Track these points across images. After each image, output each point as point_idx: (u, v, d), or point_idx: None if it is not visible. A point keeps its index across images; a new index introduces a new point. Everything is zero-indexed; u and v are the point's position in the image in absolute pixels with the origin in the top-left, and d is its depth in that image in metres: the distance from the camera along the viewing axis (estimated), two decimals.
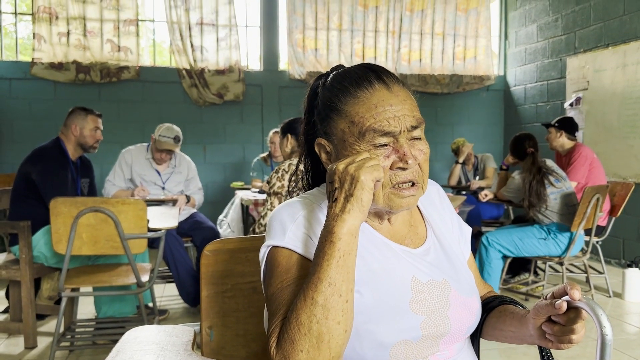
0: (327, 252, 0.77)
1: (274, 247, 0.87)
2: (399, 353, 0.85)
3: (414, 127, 0.88)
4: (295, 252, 0.86)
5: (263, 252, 0.89)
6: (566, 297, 0.81)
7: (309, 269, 0.81)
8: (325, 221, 0.81)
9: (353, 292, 0.78)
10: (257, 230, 2.64)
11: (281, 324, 0.78)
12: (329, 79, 0.95)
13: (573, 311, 0.82)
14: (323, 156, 0.96)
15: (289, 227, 0.87)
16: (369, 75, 0.90)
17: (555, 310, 0.81)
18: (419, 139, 0.90)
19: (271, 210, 2.57)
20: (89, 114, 3.15)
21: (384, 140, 0.87)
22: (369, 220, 0.95)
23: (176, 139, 3.74)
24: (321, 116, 0.94)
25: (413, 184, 0.89)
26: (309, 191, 1.01)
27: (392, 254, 0.93)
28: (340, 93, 0.90)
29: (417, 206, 1.04)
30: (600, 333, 0.80)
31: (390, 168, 0.88)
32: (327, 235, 0.79)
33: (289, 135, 2.86)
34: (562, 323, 0.84)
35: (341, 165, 0.82)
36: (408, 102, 0.89)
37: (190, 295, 3.44)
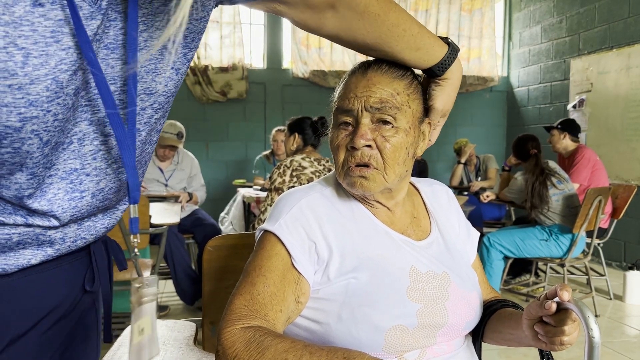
0: None
1: (266, 230, 0.90)
2: (394, 338, 0.84)
3: (376, 109, 0.87)
4: (281, 241, 0.87)
5: (257, 233, 0.93)
6: (557, 298, 0.80)
7: (287, 263, 0.85)
8: None
9: None
10: (257, 226, 2.64)
11: (255, 329, 0.77)
12: None
13: (563, 312, 0.81)
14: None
15: (283, 215, 0.90)
16: (362, 64, 0.92)
17: (546, 310, 0.81)
18: (389, 124, 0.88)
19: (271, 205, 2.58)
20: None
21: (345, 118, 0.89)
22: (365, 204, 0.95)
23: (179, 135, 3.75)
24: None
25: (368, 167, 0.88)
26: (324, 176, 1.03)
27: (392, 243, 0.93)
28: (343, 79, 0.95)
29: (422, 199, 1.04)
30: (587, 335, 0.78)
31: (346, 148, 0.89)
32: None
33: (296, 134, 2.80)
34: (552, 324, 0.83)
35: None
36: (379, 86, 0.88)
37: (187, 293, 3.46)
